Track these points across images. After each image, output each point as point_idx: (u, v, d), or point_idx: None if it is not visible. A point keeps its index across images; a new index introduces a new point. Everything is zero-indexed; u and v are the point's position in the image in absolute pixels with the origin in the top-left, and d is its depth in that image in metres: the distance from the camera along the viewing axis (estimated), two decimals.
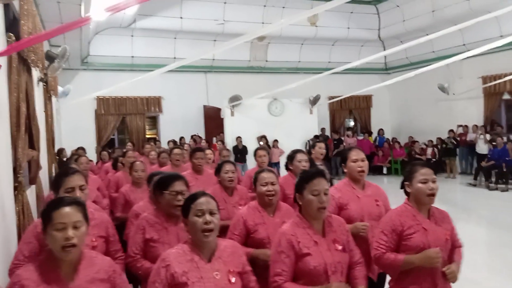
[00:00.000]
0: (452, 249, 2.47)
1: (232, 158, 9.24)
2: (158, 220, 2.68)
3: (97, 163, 9.11)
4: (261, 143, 12.04)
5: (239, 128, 12.09)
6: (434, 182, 2.38)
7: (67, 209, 1.83)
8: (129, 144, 10.32)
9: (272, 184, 2.88)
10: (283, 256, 2.17)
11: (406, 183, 2.48)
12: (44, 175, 5.62)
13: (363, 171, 3.01)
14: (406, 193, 2.52)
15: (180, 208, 2.57)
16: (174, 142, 11.01)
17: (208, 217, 2.01)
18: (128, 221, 3.38)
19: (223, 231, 2.61)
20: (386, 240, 2.39)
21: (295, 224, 2.26)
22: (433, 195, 2.37)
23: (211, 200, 2.10)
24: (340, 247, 2.25)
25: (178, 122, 13.35)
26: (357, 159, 3.02)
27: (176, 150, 5.28)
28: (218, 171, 3.78)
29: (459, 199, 10.09)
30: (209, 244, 2.02)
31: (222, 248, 2.08)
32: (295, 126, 12.55)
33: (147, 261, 2.64)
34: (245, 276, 2.12)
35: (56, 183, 2.56)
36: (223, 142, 11.72)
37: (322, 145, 4.86)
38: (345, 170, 3.11)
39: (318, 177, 2.25)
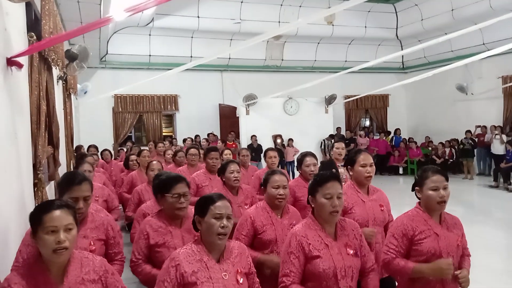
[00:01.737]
0: (462, 256, 2.43)
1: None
2: (162, 224, 2.64)
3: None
4: (278, 141, 12.05)
5: (254, 126, 12.10)
6: (445, 189, 2.34)
7: (58, 212, 1.82)
8: (129, 143, 10.46)
9: (284, 187, 2.88)
10: (292, 257, 2.18)
11: (417, 188, 2.44)
12: (62, 172, 5.74)
13: (370, 177, 2.95)
14: (417, 196, 2.49)
15: (183, 210, 2.61)
16: (170, 141, 10.98)
17: (225, 221, 2.05)
18: (135, 220, 3.35)
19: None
20: (396, 244, 2.35)
21: (307, 226, 2.26)
22: (443, 202, 2.33)
23: (228, 204, 2.13)
24: (351, 252, 2.23)
25: (194, 120, 13.45)
26: (366, 164, 2.95)
27: (192, 150, 5.29)
28: (222, 171, 3.74)
29: (476, 201, 9.93)
30: (219, 246, 2.06)
31: (230, 249, 2.12)
32: (310, 125, 12.53)
33: (148, 266, 2.61)
34: (250, 277, 2.17)
35: (61, 188, 2.50)
36: (223, 141, 11.74)
37: (340, 144, 4.73)
38: (351, 173, 3.05)
39: (332, 180, 2.24)
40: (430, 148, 13.65)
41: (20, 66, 2.90)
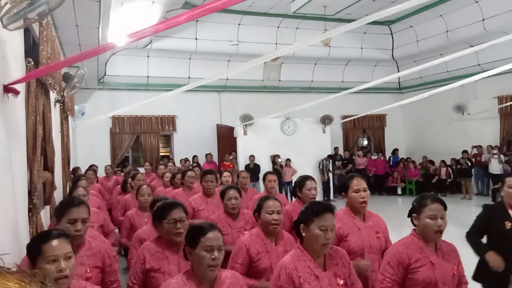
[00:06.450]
0: (459, 284, 2.39)
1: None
2: (159, 249, 2.63)
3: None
4: (279, 160, 11.99)
5: (252, 147, 12.12)
6: (443, 218, 2.31)
7: (57, 242, 1.83)
8: (129, 166, 10.22)
9: (278, 213, 2.82)
10: None
11: (414, 215, 2.41)
12: (58, 195, 5.69)
13: (365, 202, 2.82)
14: (413, 222, 2.46)
15: (180, 235, 2.57)
16: (165, 164, 10.65)
17: (216, 253, 2.02)
18: (131, 246, 3.33)
19: (226, 256, 2.54)
20: (392, 273, 2.31)
21: (296, 257, 2.20)
22: (440, 232, 2.30)
23: (219, 235, 2.09)
24: (341, 282, 2.17)
25: (192, 141, 13.46)
26: (359, 189, 2.82)
27: (190, 173, 5.26)
28: (222, 196, 3.70)
29: None
30: (210, 277, 2.02)
31: (222, 280, 2.07)
32: (308, 145, 12.55)
33: None
34: None
35: (59, 211, 2.53)
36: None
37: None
38: (345, 200, 2.93)
39: (329, 212, 2.19)
40: (426, 169, 13.62)
41: (16, 93, 2.90)
